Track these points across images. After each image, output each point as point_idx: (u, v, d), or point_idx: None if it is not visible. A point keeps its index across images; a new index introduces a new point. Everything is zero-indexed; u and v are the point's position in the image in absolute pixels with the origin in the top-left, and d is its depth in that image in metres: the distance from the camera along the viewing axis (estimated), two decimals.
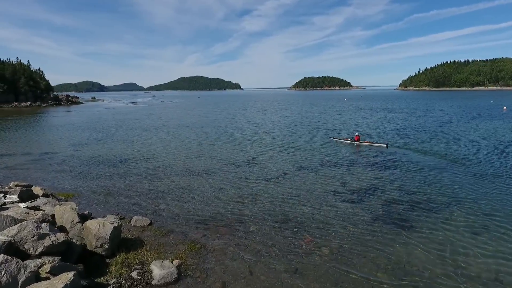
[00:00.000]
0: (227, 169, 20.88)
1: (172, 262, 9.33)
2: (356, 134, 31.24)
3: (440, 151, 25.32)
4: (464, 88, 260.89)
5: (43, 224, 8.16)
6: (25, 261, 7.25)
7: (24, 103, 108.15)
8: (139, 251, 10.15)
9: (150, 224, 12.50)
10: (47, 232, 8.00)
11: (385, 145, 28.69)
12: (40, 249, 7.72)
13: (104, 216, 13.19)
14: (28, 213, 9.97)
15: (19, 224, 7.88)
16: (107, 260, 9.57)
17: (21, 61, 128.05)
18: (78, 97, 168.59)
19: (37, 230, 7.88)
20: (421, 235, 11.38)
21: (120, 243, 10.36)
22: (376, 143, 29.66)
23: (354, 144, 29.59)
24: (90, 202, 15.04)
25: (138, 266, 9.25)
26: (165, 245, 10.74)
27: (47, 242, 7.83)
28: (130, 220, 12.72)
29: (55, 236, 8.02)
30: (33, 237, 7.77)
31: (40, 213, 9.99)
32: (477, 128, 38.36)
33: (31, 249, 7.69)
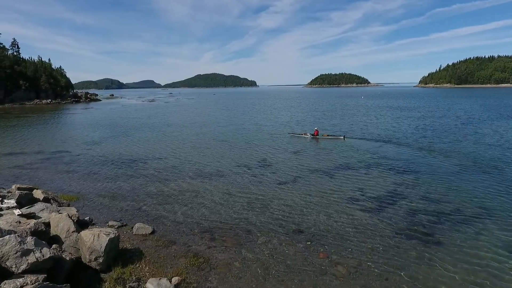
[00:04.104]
0: (236, 171, 19.97)
1: (170, 280, 8.47)
2: (315, 128, 32.86)
3: (465, 155, 23.56)
4: (488, 85, 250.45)
5: (28, 238, 7.44)
6: (4, 282, 6.54)
7: (45, 100, 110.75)
8: (137, 265, 9.36)
9: (153, 232, 11.71)
10: (32, 247, 7.27)
11: (342, 137, 30.65)
12: (23, 267, 6.99)
13: (106, 222, 12.57)
14: (20, 222, 9.33)
15: (1, 239, 7.18)
16: (102, 275, 8.80)
17: (42, 60, 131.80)
18: (97, 94, 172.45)
19: (20, 245, 7.15)
20: (450, 252, 10.10)
21: (118, 255, 9.59)
22: (334, 136, 31.52)
23: (313, 138, 31.21)
24: (93, 206, 14.43)
25: (134, 284, 8.44)
26: (166, 258, 9.90)
27: (31, 258, 7.10)
28: (132, 228, 11.97)
29: (41, 252, 7.28)
30: (16, 253, 7.05)
31: (32, 222, 9.33)
32: (504, 130, 35.91)
33: (14, 266, 6.98)
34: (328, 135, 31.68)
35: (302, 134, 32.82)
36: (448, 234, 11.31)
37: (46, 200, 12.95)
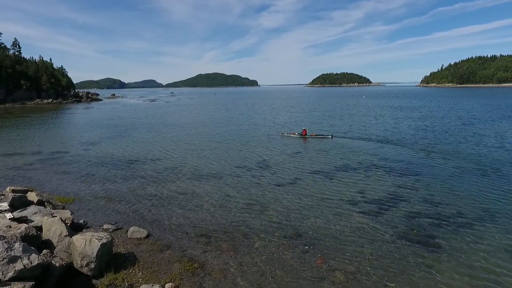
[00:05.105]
0: (234, 173, 19.71)
1: (163, 287, 8.26)
2: (303, 128, 33.51)
3: (466, 157, 23.21)
4: (491, 85, 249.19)
5: (16, 245, 7.24)
6: None
7: (46, 100, 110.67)
8: (131, 270, 9.15)
9: (148, 236, 11.50)
10: (20, 254, 7.07)
11: (330, 136, 31.29)
12: (10, 274, 6.79)
13: (101, 225, 12.38)
14: (10, 226, 9.14)
15: None
16: (93, 281, 8.61)
17: (44, 59, 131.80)
18: (99, 94, 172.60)
19: (7, 252, 6.95)
20: (451, 258, 9.85)
21: (111, 260, 9.38)
22: (322, 135, 32.08)
23: (301, 137, 31.55)
24: (89, 208, 14.23)
25: None
26: (160, 263, 9.69)
27: (18, 266, 6.90)
28: (127, 231, 11.76)
29: (29, 259, 7.08)
30: (2, 260, 6.85)
31: (23, 226, 9.14)
32: (506, 131, 35.53)
33: (0, 274, 6.77)
34: (316, 135, 32.28)
35: (290, 134, 33.40)
36: (449, 238, 11.05)
37: (40, 202, 12.76)
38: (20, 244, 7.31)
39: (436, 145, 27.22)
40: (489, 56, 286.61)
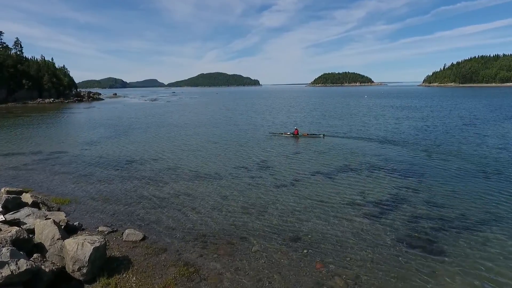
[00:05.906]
0: (232, 174, 19.41)
1: None
2: (295, 128, 33.57)
3: (469, 158, 22.86)
4: (493, 84, 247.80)
5: (4, 250, 7.01)
6: None
7: (48, 100, 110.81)
8: (124, 275, 8.92)
9: (143, 239, 11.26)
10: (7, 259, 6.84)
11: (322, 135, 31.42)
12: None
13: (96, 227, 12.16)
14: (1, 230, 8.91)
15: None
16: (86, 286, 8.39)
17: (45, 59, 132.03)
18: (100, 94, 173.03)
19: None
20: (454, 263, 9.56)
21: (104, 264, 9.14)
22: (314, 135, 32.28)
23: (293, 137, 31.72)
24: (85, 209, 14.00)
25: None
26: (155, 267, 9.45)
27: (5, 271, 6.67)
28: (122, 234, 11.53)
29: (16, 265, 6.86)
30: None
31: (14, 229, 8.90)
32: (508, 131, 35.10)
33: None
34: (308, 134, 32.43)
35: (283, 134, 33.49)
36: (452, 242, 10.76)
37: (34, 204, 12.54)
38: (8, 249, 7.08)
39: (437, 146, 26.87)
40: (491, 55, 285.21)
